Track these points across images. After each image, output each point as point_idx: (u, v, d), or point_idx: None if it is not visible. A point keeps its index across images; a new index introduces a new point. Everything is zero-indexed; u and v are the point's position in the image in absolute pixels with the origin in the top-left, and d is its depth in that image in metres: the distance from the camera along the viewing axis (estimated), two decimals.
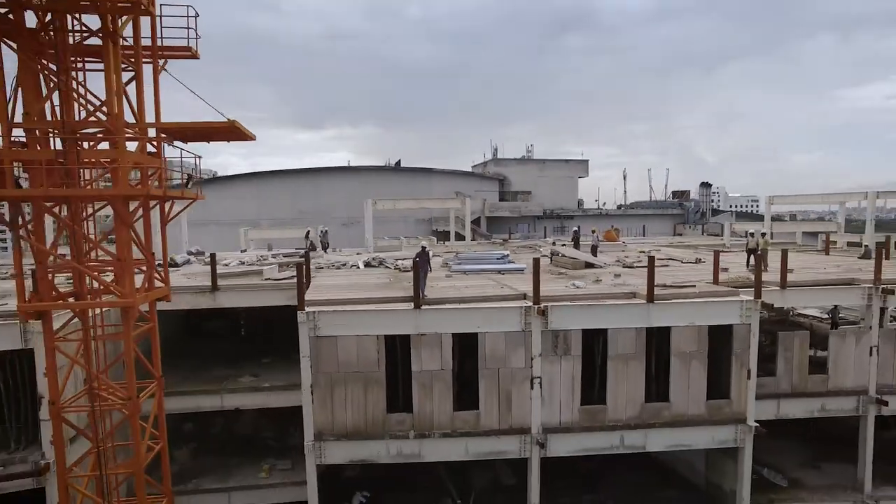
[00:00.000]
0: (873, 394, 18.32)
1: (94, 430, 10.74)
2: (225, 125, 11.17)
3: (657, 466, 20.92)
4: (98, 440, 10.74)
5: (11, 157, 9.60)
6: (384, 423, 15.70)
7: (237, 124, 11.21)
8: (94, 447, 10.91)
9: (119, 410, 11.07)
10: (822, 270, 22.14)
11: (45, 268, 10.45)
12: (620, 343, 15.88)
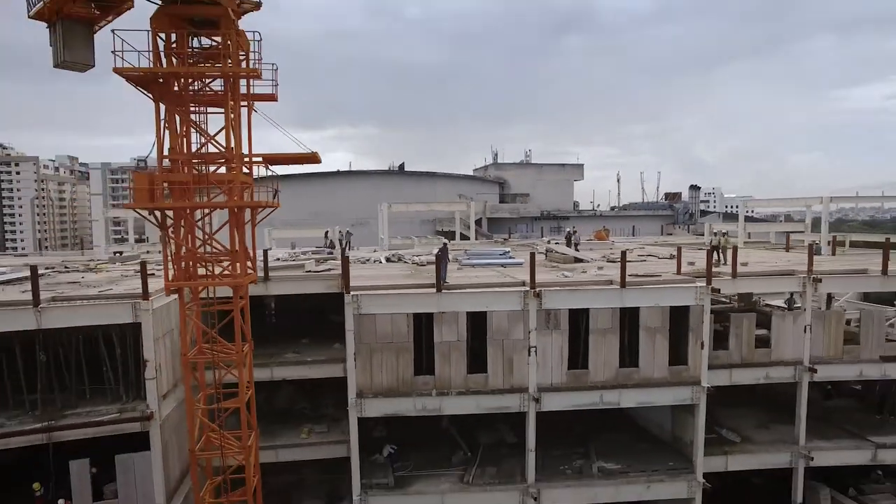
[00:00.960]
0: (807, 364, 22.43)
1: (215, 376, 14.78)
2: (308, 155, 15.18)
3: (633, 427, 25.12)
4: (217, 382, 14.79)
5: (164, 179, 13.62)
6: (412, 384, 19.80)
7: (318, 155, 15.23)
8: (214, 388, 14.97)
9: (231, 360, 15.10)
10: (773, 264, 26.27)
11: (180, 258, 14.47)
12: (599, 320, 20.02)
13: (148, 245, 46.76)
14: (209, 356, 15.07)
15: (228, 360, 15.26)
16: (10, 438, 17.59)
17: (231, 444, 15.36)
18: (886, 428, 24.58)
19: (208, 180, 13.88)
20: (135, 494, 18.93)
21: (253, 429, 16.33)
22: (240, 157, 13.98)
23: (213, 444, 15.85)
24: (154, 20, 13.85)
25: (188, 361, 14.98)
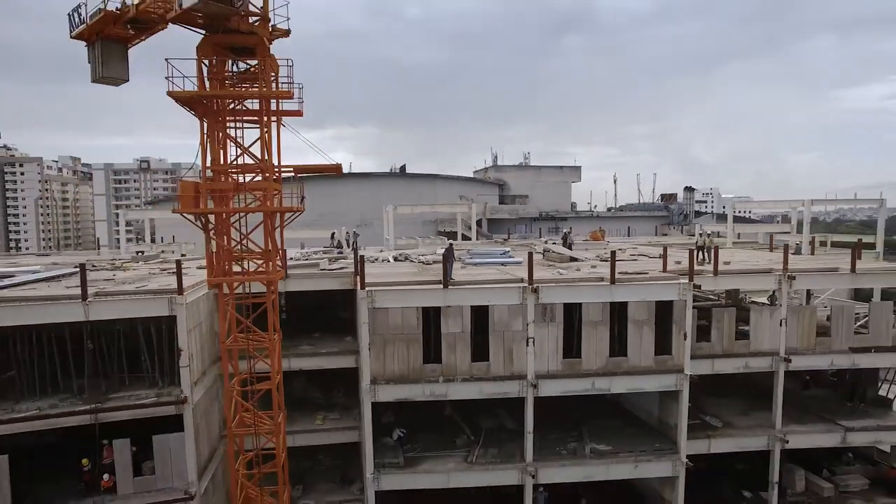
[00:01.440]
0: (783, 354, 24.43)
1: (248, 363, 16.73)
2: (333, 166, 17.16)
3: (623, 413, 27.14)
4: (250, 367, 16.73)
5: (208, 188, 15.56)
6: (421, 371, 21.78)
7: (340, 166, 17.18)
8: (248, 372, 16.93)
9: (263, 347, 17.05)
10: (754, 263, 28.27)
11: (221, 256, 16.41)
12: (591, 313, 22.01)
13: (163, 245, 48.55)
14: (244, 344, 17.02)
15: (260, 348, 17.22)
16: (62, 418, 19.56)
17: (263, 421, 17.32)
18: (856, 414, 26.63)
19: (245, 188, 15.84)
20: (170, 472, 20.88)
21: (282, 409, 18.29)
22: (272, 167, 15.95)
23: (246, 423, 17.80)
24: (200, 48, 15.79)
25: (226, 348, 16.95)
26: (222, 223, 16.30)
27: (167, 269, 29.47)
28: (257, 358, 17.45)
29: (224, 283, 16.55)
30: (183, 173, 26.14)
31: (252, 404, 17.72)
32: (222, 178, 15.93)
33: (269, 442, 18.14)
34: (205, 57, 15.74)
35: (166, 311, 20.32)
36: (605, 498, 25.29)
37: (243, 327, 17.24)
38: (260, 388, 17.29)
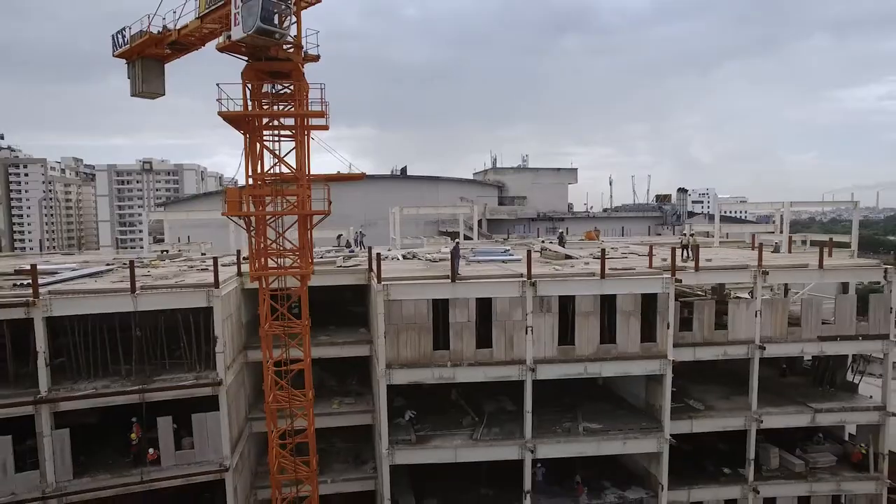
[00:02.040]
0: (758, 342, 26.95)
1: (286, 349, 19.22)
2: (356, 175, 19.59)
3: (613, 397, 29.69)
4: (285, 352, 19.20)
5: (250, 193, 18.00)
6: (431, 357, 24.26)
7: (364, 175, 19.59)
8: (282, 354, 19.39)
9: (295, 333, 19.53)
10: (733, 260, 30.81)
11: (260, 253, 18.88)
12: (583, 304, 24.53)
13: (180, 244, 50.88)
14: (279, 329, 19.50)
15: (293, 333, 19.69)
16: (114, 396, 22.05)
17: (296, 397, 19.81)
18: (826, 397, 29.23)
19: (283, 194, 18.29)
20: (206, 446, 23.40)
21: (310, 387, 20.77)
22: (305, 175, 18.42)
23: (279, 399, 20.29)
24: (244, 74, 18.26)
25: (265, 333, 19.43)
26: (262, 224, 18.75)
27: (194, 266, 31.92)
28: (290, 343, 19.92)
29: (264, 276, 19.00)
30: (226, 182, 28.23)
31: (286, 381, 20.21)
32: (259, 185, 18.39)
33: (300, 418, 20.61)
34: (248, 80, 18.21)
35: (204, 302, 22.88)
36: (596, 473, 27.81)
37: (278, 314, 19.69)
38: (293, 367, 19.76)
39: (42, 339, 20.90)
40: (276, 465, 20.08)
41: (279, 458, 20.05)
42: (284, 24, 17.37)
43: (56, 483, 21.45)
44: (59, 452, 21.47)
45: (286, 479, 20.56)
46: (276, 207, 19.12)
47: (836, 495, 28.49)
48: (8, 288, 22.99)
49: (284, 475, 20.56)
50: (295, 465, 20.56)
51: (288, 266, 19.28)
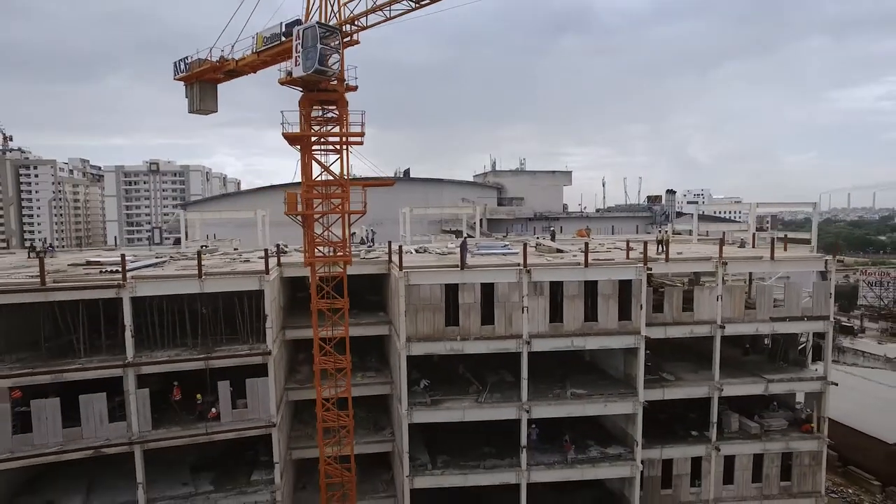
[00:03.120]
0: (719, 322, 31.82)
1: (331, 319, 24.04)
2: (390, 181, 24.30)
3: (597, 370, 34.60)
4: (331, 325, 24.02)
5: (307, 197, 22.83)
6: (443, 332, 29.10)
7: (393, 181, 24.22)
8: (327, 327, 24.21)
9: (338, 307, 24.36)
10: (701, 253, 35.68)
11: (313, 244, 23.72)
12: (570, 289, 29.40)
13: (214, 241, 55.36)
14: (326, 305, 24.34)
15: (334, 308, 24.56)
16: (185, 363, 26.89)
17: (339, 361, 24.67)
18: (779, 370, 34.18)
19: (329, 196, 23.09)
20: (257, 406, 28.20)
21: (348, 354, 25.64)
22: (345, 181, 23.26)
23: (325, 362, 25.15)
24: (301, 102, 23.10)
25: (315, 307, 24.26)
26: (312, 221, 23.59)
27: (235, 258, 36.73)
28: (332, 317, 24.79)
29: (316, 262, 23.83)
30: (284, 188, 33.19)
31: (330, 348, 25.08)
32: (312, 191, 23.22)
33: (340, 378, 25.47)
34: (303, 106, 23.05)
35: (256, 286, 27.74)
36: (582, 434, 32.70)
37: (325, 293, 24.54)
38: (336, 336, 24.64)
39: (129, 314, 25.69)
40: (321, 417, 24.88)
41: (324, 411, 24.84)
42: (333, 64, 22.21)
43: (139, 432, 26.27)
44: (141, 408, 26.29)
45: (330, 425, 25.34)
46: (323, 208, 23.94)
47: (787, 453, 33.39)
48: (96, 275, 27.77)
49: (327, 424, 25.35)
50: (338, 416, 25.39)
51: (334, 255, 24.09)
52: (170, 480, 28.68)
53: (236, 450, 31.04)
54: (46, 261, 28.33)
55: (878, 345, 76.99)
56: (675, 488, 32.92)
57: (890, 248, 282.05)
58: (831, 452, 52.87)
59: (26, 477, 28.20)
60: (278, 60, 25.49)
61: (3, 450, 24.62)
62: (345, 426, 25.47)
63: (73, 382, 25.86)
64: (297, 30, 21.70)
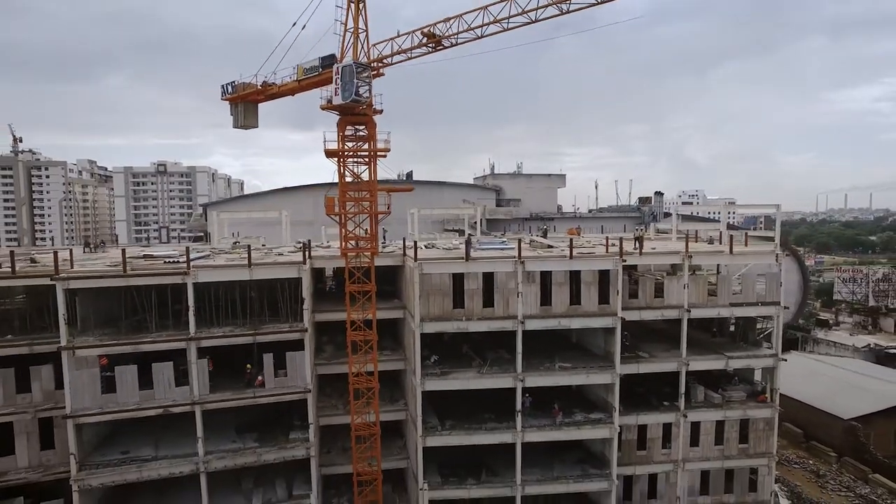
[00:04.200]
0: (685, 307, 37.32)
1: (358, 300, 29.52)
2: (409, 187, 29.60)
3: (581, 348, 40.15)
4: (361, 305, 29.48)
5: (342, 200, 28.27)
6: (451, 313, 34.59)
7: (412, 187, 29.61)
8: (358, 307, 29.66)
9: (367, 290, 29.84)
10: (672, 248, 41.21)
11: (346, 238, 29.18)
12: (558, 277, 34.92)
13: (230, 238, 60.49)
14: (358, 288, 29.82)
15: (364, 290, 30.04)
16: (237, 337, 32.32)
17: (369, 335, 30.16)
18: (739, 348, 39.77)
19: (359, 200, 28.55)
20: (295, 375, 33.64)
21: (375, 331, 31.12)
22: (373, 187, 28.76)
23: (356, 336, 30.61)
24: (339, 124, 28.58)
25: (349, 290, 29.73)
26: (346, 220, 29.08)
27: (268, 252, 42.12)
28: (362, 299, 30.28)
29: (349, 253, 29.30)
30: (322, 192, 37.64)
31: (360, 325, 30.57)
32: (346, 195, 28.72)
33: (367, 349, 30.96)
34: (341, 126, 28.54)
35: (296, 274, 33.20)
36: (568, 403, 38.20)
37: (356, 278, 30.02)
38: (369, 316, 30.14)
39: (191, 297, 31.12)
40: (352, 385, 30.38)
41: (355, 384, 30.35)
42: (364, 93, 27.70)
43: (199, 395, 31.71)
44: (200, 375, 31.72)
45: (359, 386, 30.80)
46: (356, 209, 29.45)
47: (744, 420, 38.91)
48: (160, 265, 33.20)
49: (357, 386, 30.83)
50: (367, 380, 30.88)
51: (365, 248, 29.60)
52: (220, 439, 34.08)
53: (273, 416, 36.40)
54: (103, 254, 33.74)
55: (849, 336, 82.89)
56: (648, 450, 38.43)
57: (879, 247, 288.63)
58: (797, 430, 58.87)
59: (105, 432, 33.66)
60: (315, 87, 31.11)
61: (94, 406, 30.10)
62: (371, 387, 30.91)
63: (146, 353, 31.29)
64: (337, 66, 27.19)
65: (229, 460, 32.69)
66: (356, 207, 29.49)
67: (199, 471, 31.97)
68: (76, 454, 29.88)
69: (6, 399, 30.29)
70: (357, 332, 30.45)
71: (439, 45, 26.69)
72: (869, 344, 76.12)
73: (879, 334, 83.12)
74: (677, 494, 38.63)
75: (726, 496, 39.39)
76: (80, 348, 29.82)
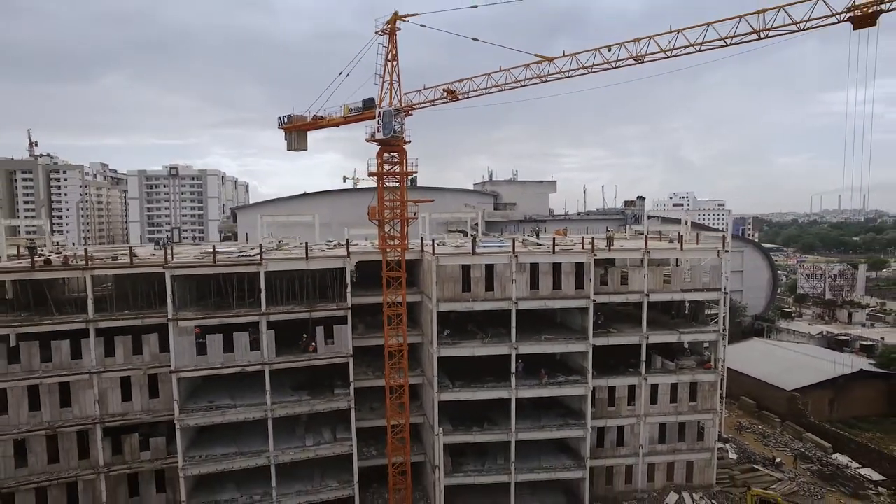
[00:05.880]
0: (645, 292, 47.15)
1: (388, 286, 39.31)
2: (430, 200, 39.19)
3: (563, 326, 50.06)
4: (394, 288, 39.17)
5: (380, 208, 37.93)
6: (460, 296, 44.37)
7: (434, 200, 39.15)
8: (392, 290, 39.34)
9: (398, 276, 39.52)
10: (637, 245, 51.04)
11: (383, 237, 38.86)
12: (543, 267, 44.78)
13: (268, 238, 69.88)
14: (392, 275, 39.52)
15: (396, 276, 39.76)
16: (296, 314, 42.02)
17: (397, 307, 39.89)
18: (690, 326, 49.69)
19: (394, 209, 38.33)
20: (340, 344, 43.32)
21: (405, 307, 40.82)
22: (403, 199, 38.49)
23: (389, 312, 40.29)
24: (378, 154, 38.32)
25: (384, 276, 39.44)
26: (383, 223, 38.78)
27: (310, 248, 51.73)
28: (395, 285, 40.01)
29: (386, 249, 39.01)
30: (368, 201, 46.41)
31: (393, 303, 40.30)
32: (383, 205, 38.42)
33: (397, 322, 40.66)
34: (380, 154, 38.27)
35: (342, 265, 42.93)
36: (553, 369, 48.02)
37: (392, 266, 39.74)
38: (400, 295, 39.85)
39: (263, 282, 40.77)
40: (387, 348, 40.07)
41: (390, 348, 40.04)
42: (398, 129, 37.44)
43: (267, 358, 41.35)
44: (269, 342, 41.36)
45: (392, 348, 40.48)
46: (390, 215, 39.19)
47: (693, 382, 48.79)
48: (236, 258, 42.85)
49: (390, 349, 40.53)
50: (398, 344, 40.59)
51: (396, 244, 39.35)
52: (280, 394, 43.71)
53: (319, 378, 46.02)
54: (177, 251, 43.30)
55: (808, 325, 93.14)
56: (616, 406, 48.27)
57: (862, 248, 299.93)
58: (751, 401, 68.96)
59: (194, 386, 43.33)
60: (355, 121, 40.92)
61: (191, 364, 39.75)
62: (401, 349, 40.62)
63: (228, 325, 40.93)
64: (380, 110, 36.94)
65: (290, 409, 42.38)
66: (391, 214, 39.18)
67: (267, 416, 41.61)
68: (178, 400, 39.49)
69: (125, 359, 39.87)
70: (391, 308, 40.12)
71: (455, 98, 36.44)
72: (822, 332, 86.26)
73: (834, 324, 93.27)
74: (640, 443, 48.49)
75: (679, 444, 49.30)
76: (182, 320, 39.47)
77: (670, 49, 27.28)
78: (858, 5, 22.63)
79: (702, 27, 26.24)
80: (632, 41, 28.24)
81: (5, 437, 37.68)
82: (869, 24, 22.63)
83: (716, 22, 25.68)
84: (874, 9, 22.22)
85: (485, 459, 47.05)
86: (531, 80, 32.81)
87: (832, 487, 49.87)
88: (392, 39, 36.40)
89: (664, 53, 27.63)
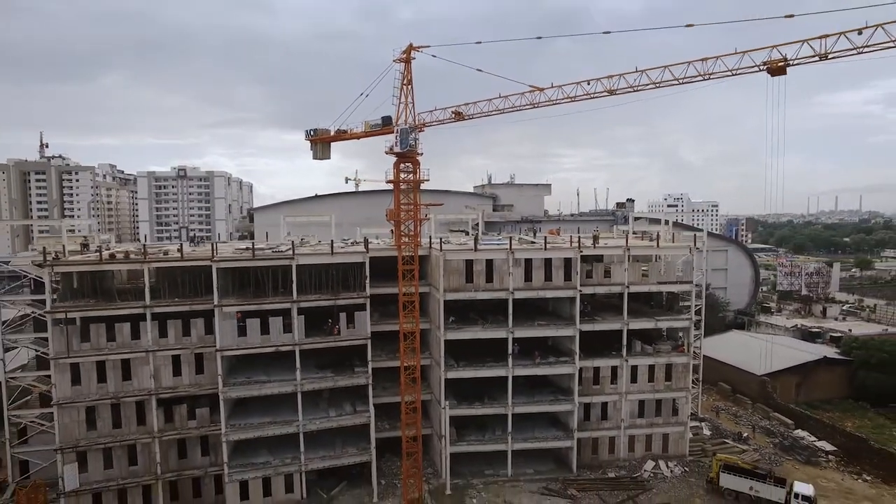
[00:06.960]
0: (626, 284, 53.80)
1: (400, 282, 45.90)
2: (440, 203, 45.33)
3: (554, 314, 56.74)
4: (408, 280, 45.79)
5: (396, 211, 44.49)
6: (465, 286, 50.97)
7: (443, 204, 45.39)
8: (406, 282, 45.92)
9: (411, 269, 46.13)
10: (619, 244, 57.69)
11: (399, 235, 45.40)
12: (536, 262, 51.41)
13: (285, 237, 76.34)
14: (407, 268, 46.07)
15: (409, 269, 46.32)
16: (324, 301, 48.59)
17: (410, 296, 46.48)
18: (666, 314, 56.35)
19: (408, 211, 44.89)
20: (360, 328, 49.90)
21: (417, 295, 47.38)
22: (417, 203, 45.02)
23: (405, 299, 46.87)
24: (395, 164, 44.85)
25: (400, 269, 45.99)
26: (399, 224, 45.33)
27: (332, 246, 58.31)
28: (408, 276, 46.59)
29: (401, 245, 45.59)
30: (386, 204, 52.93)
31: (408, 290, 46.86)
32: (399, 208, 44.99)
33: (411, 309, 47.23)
34: (397, 164, 44.84)
35: (361, 259, 49.53)
36: (545, 351, 54.68)
37: (407, 260, 46.29)
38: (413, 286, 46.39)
39: (294, 274, 47.31)
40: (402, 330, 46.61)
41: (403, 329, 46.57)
42: (413, 143, 44.01)
43: (298, 339, 47.90)
44: (299, 326, 47.89)
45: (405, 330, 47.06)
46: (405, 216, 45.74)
47: (668, 364, 55.46)
48: (270, 253, 49.40)
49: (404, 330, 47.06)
50: (410, 329, 47.15)
51: (410, 241, 45.90)
52: (307, 372, 50.21)
53: (341, 359, 52.52)
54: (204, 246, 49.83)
55: (785, 319, 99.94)
56: (601, 385, 54.94)
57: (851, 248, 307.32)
58: (727, 386, 75.74)
59: (231, 365, 49.88)
60: (375, 135, 47.50)
61: (233, 344, 46.28)
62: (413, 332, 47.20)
63: (264, 311, 47.46)
64: (397, 127, 43.52)
65: (316, 384, 48.94)
66: (405, 215, 45.75)
67: (296, 391, 48.15)
68: (222, 375, 46.00)
69: (176, 340, 46.38)
70: (405, 296, 46.70)
71: (461, 118, 43.02)
72: (797, 325, 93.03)
73: (810, 318, 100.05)
74: (622, 417, 55.15)
75: (656, 419, 55.96)
76: (225, 306, 46.02)
77: (636, 86, 34.03)
78: (770, 61, 29.73)
79: (660, 69, 33.09)
80: (606, 77, 35.08)
81: (80, 404, 44.20)
82: (781, 73, 29.66)
83: (672, 65, 32.56)
84: (781, 64, 29.15)
85: (485, 431, 53.67)
86: (525, 106, 39.39)
87: (789, 457, 56.57)
88: (407, 67, 42.99)
89: (631, 88, 34.36)
